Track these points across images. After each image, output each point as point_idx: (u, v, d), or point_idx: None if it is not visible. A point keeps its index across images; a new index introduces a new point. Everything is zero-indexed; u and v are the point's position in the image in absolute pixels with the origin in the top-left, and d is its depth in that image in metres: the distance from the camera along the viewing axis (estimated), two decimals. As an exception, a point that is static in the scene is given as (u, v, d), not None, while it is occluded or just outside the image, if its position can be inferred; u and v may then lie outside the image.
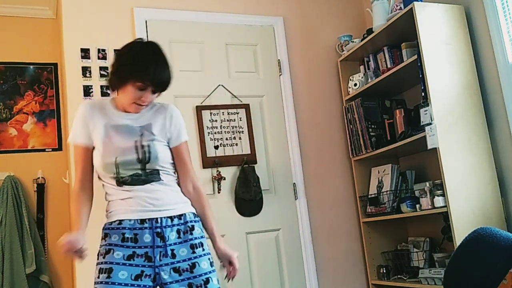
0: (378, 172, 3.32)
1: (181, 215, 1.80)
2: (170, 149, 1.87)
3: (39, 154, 3.47)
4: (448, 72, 2.72)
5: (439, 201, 2.67)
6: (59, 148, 3.52)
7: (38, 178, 3.41)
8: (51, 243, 3.37)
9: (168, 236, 1.74)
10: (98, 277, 1.70)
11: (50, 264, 3.33)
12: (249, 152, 3.16)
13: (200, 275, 1.74)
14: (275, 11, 3.49)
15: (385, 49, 3.24)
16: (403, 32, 3.01)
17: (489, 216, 2.61)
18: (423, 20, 2.74)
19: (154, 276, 1.71)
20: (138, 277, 1.68)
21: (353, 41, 3.41)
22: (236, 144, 3.15)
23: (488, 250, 1.85)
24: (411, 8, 2.76)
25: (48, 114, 3.56)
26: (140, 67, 1.73)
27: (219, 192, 3.04)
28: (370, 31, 3.24)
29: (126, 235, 1.73)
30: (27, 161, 3.42)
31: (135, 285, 1.67)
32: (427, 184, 2.83)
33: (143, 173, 1.77)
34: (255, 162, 3.16)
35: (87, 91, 2.91)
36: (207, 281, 1.74)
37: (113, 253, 1.71)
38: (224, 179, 3.05)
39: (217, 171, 3.05)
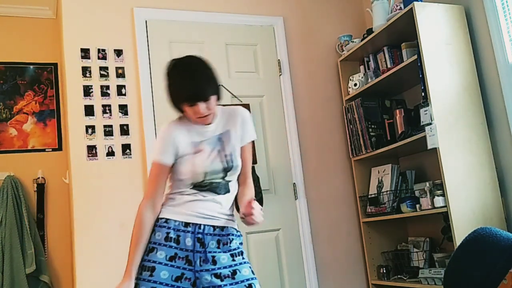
0: (378, 172, 3.32)
1: (224, 227, 1.83)
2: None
3: (39, 154, 3.47)
4: (448, 72, 2.72)
5: (439, 201, 2.67)
6: (59, 148, 3.52)
7: (38, 178, 3.41)
8: (51, 243, 3.38)
9: (208, 243, 1.78)
10: (141, 274, 1.73)
11: (50, 264, 3.33)
12: (249, 152, 3.16)
13: (242, 281, 1.76)
14: (275, 11, 3.49)
15: (385, 49, 3.24)
16: (403, 32, 3.01)
17: (489, 216, 2.61)
18: (423, 20, 2.74)
19: (194, 280, 1.75)
20: (178, 278, 1.73)
21: (353, 41, 3.41)
22: (236, 144, 3.15)
23: (488, 250, 1.85)
24: (411, 8, 2.76)
25: (48, 114, 3.56)
26: (178, 89, 1.77)
27: (219, 192, 3.04)
28: (370, 31, 3.24)
29: (170, 235, 1.77)
30: (27, 161, 3.42)
31: (175, 286, 1.72)
32: (427, 184, 2.83)
33: (222, 181, 1.84)
34: (255, 162, 3.16)
35: (87, 91, 2.91)
36: (249, 286, 1.76)
37: (156, 252, 1.75)
38: (224, 179, 3.05)
39: (217, 171, 3.05)
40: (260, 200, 3.11)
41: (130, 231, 1.78)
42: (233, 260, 1.79)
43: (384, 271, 3.20)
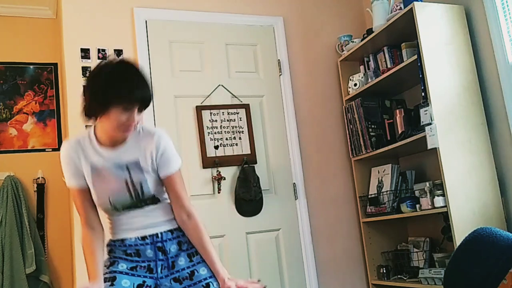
0: (378, 172, 3.32)
1: (179, 227, 1.79)
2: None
3: (39, 154, 3.47)
4: (448, 72, 2.72)
5: (439, 201, 2.67)
6: (59, 148, 3.50)
7: (38, 178, 3.41)
8: (51, 243, 3.38)
9: (169, 249, 1.76)
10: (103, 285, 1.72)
11: (50, 264, 3.33)
12: (249, 152, 3.16)
13: (200, 281, 1.75)
14: (275, 11, 3.49)
15: (385, 49, 3.24)
16: (403, 32, 3.01)
17: (489, 216, 2.61)
18: (423, 20, 2.74)
19: (154, 287, 1.74)
20: (139, 286, 1.72)
21: (353, 41, 3.41)
22: (236, 144, 3.15)
23: (488, 250, 1.85)
24: (411, 8, 2.76)
25: (48, 114, 3.56)
26: (123, 86, 1.58)
27: (219, 192, 3.04)
28: (370, 31, 3.24)
29: (128, 251, 1.75)
30: (27, 161, 3.42)
31: None
32: (427, 184, 2.83)
33: (139, 204, 1.74)
34: (255, 162, 3.16)
35: (87, 91, 2.91)
36: (207, 286, 1.75)
37: (117, 264, 1.74)
38: (224, 179, 3.05)
39: (217, 171, 3.05)
40: (260, 200, 3.12)
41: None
42: (191, 260, 1.77)
43: (384, 271, 3.20)
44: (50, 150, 3.51)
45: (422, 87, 2.72)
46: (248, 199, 3.07)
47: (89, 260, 1.74)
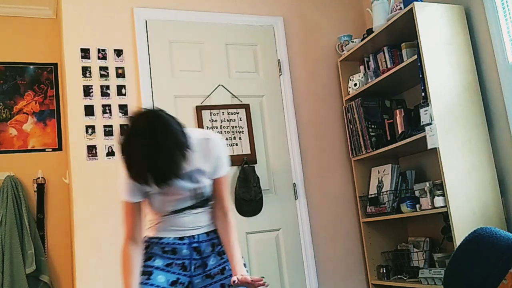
0: (378, 172, 3.32)
1: (214, 230, 1.88)
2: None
3: (39, 154, 3.47)
4: (448, 72, 2.72)
5: (439, 201, 2.67)
6: (59, 148, 3.52)
7: (38, 178, 3.41)
8: (51, 243, 3.38)
9: (204, 250, 1.85)
10: (140, 279, 1.76)
11: (50, 264, 3.33)
12: (249, 152, 3.16)
13: (230, 275, 1.80)
14: (275, 11, 3.49)
15: (385, 49, 3.24)
16: (403, 32, 3.01)
17: (489, 216, 2.61)
18: (423, 20, 2.74)
19: (187, 284, 1.82)
20: (174, 283, 1.79)
21: (353, 41, 3.41)
22: (236, 144, 3.15)
23: (488, 250, 1.85)
24: (411, 8, 2.76)
25: (48, 114, 3.56)
26: (135, 175, 1.52)
27: (219, 192, 3.04)
28: (370, 31, 3.24)
29: (166, 249, 1.82)
30: (27, 161, 3.42)
31: None
32: (427, 184, 2.83)
33: (193, 207, 1.83)
34: (255, 162, 3.16)
35: (87, 91, 2.91)
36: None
37: (153, 260, 1.80)
38: (224, 179, 3.05)
39: (217, 171, 3.04)
40: (260, 200, 3.12)
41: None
42: (221, 258, 1.86)
43: (384, 271, 3.20)
44: (50, 150, 3.51)
45: (422, 87, 2.72)
46: (248, 199, 3.07)
47: (128, 276, 1.72)
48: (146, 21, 3.11)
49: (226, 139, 3.14)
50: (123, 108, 2.97)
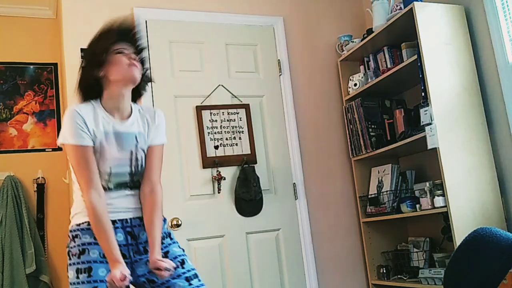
0: (378, 172, 3.32)
1: None
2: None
3: (39, 154, 3.47)
4: (448, 72, 2.72)
5: (439, 201, 2.67)
6: (59, 148, 3.50)
7: (38, 178, 3.41)
8: (51, 243, 3.38)
9: (138, 234, 1.79)
10: (78, 277, 1.65)
11: (50, 264, 3.33)
12: (249, 152, 3.16)
13: (175, 258, 1.80)
14: (275, 11, 3.49)
15: (385, 49, 3.24)
16: (403, 32, 3.01)
17: (489, 216, 2.61)
18: (423, 20, 2.74)
19: (130, 271, 1.69)
20: None
21: (353, 41, 3.41)
22: (236, 144, 3.15)
23: (488, 250, 1.85)
24: (411, 8, 2.76)
25: (48, 114, 3.56)
26: (112, 33, 1.85)
27: (219, 192, 3.04)
28: (370, 31, 3.24)
29: None
30: (27, 161, 3.42)
31: None
32: (427, 184, 2.83)
33: (129, 184, 1.80)
34: (255, 162, 3.16)
35: (87, 91, 2.91)
36: (183, 262, 1.80)
37: (88, 253, 1.69)
38: (224, 179, 3.05)
39: (217, 171, 3.05)
40: (260, 200, 3.12)
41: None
42: (162, 243, 1.78)
43: (384, 271, 3.20)
44: (50, 150, 3.51)
45: (422, 87, 2.72)
46: (248, 199, 3.07)
47: (106, 237, 1.65)
48: (146, 21, 3.10)
49: (226, 139, 3.14)
50: (123, 108, 2.96)
